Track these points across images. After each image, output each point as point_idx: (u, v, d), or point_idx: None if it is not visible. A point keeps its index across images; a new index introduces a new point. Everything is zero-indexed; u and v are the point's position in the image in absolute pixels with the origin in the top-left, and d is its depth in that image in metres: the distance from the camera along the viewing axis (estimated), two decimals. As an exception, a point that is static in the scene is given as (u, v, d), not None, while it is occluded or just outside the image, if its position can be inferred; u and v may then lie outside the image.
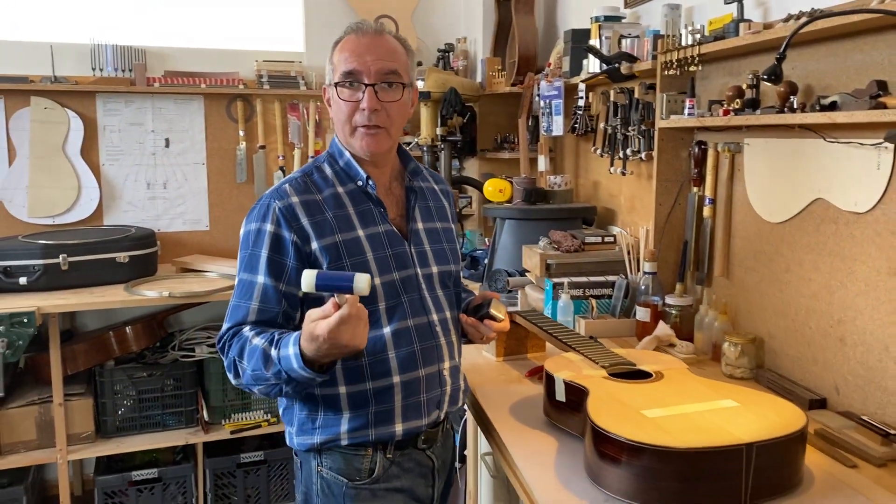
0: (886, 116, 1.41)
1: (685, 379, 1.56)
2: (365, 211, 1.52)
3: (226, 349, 1.44)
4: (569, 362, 1.67)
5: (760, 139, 1.97)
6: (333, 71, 1.51)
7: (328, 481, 1.49)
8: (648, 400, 1.44)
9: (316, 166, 1.56)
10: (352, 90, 1.47)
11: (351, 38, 1.49)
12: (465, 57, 3.89)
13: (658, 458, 1.24)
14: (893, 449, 1.45)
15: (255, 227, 1.48)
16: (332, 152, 1.58)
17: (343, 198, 1.51)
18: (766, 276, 1.97)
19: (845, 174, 1.67)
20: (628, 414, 1.36)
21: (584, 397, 1.47)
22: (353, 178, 1.54)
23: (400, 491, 1.52)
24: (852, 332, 1.66)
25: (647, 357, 1.71)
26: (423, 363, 1.50)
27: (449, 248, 1.64)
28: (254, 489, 3.35)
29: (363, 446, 1.48)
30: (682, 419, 1.34)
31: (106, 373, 3.14)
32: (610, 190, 2.94)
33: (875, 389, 1.60)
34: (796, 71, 1.82)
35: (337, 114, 1.52)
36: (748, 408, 1.39)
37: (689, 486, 1.24)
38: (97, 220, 3.48)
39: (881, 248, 1.58)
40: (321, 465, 1.50)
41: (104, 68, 3.41)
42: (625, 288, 2.32)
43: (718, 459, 1.24)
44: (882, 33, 1.56)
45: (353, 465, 1.48)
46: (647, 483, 1.25)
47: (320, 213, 1.47)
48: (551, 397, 1.60)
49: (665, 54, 2.18)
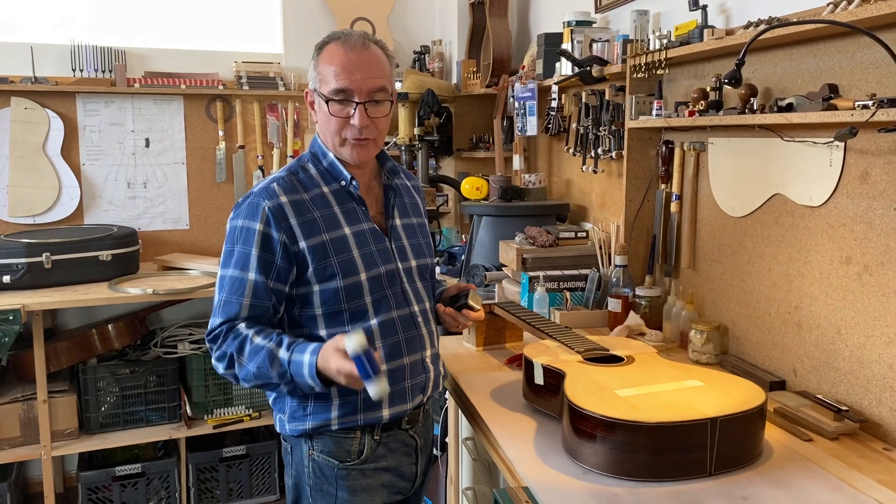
0: (837, 117, 1.53)
1: (655, 362, 1.67)
2: (349, 209, 1.59)
3: (219, 342, 1.51)
4: (546, 349, 1.77)
5: (723, 138, 2.09)
6: (320, 81, 1.55)
7: (319, 464, 1.58)
8: (621, 381, 1.54)
9: (301, 165, 1.61)
10: (342, 106, 1.53)
11: (339, 52, 1.53)
12: (440, 59, 3.98)
13: (630, 432, 1.35)
14: (845, 424, 1.58)
15: (243, 223, 1.53)
16: (316, 152, 1.63)
17: (329, 197, 1.58)
18: (729, 267, 2.09)
19: (801, 171, 1.79)
20: (602, 393, 1.47)
21: (561, 380, 1.57)
22: (336, 177, 1.60)
23: (387, 470, 1.62)
24: (808, 317, 1.79)
25: (620, 343, 1.82)
26: (407, 352, 1.61)
27: (424, 243, 1.73)
28: (236, 483, 3.41)
29: (352, 430, 1.57)
30: (652, 397, 1.45)
31: (89, 370, 3.18)
32: (582, 187, 3.05)
33: (829, 370, 1.72)
34: (756, 75, 1.95)
35: (325, 124, 1.57)
36: (713, 387, 1.51)
37: (658, 458, 1.35)
38: (77, 219, 3.51)
39: (833, 239, 1.70)
40: (312, 449, 1.58)
41: (84, 69, 3.44)
42: (597, 280, 2.43)
43: (685, 433, 1.35)
44: (833, 40, 1.69)
45: (343, 448, 1.57)
46: (620, 456, 1.36)
47: (308, 212, 1.54)
48: (530, 381, 1.70)
49: (634, 58, 2.29)
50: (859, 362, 1.63)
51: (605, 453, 1.37)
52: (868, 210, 1.60)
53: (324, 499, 1.58)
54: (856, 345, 1.64)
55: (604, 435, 1.37)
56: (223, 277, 1.54)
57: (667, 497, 1.29)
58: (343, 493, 1.57)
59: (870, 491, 1.33)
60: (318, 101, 1.57)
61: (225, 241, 1.57)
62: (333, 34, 1.59)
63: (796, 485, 1.35)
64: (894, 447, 1.50)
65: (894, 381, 1.54)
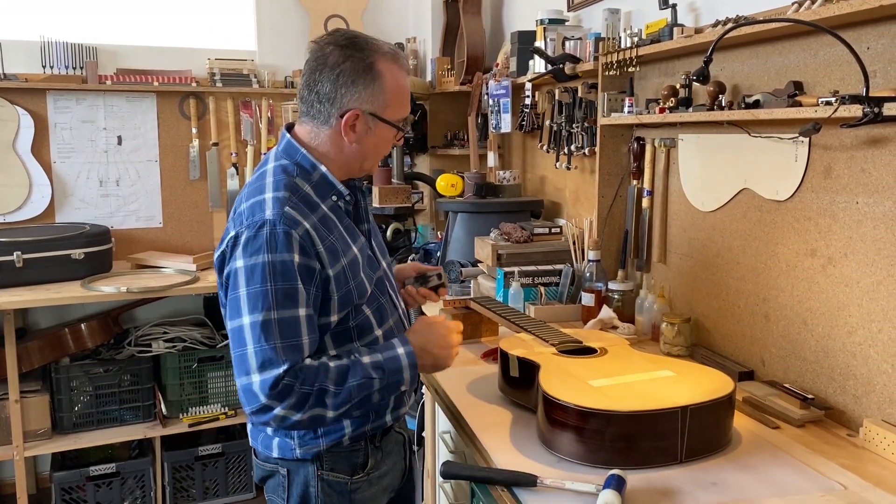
0: (802, 113, 1.57)
1: (627, 353, 1.71)
2: (348, 226, 1.49)
3: (293, 389, 1.32)
4: (521, 341, 1.80)
5: (693, 135, 2.13)
6: (385, 106, 1.45)
7: (329, 482, 1.51)
8: (594, 372, 1.57)
9: (294, 182, 1.43)
10: (398, 132, 1.51)
11: (402, 76, 1.47)
12: (414, 56, 4.00)
13: (602, 421, 1.38)
14: (811, 412, 1.62)
15: (273, 258, 1.34)
16: (301, 163, 1.47)
17: (331, 216, 1.45)
18: (699, 261, 2.13)
19: (768, 166, 1.84)
20: (576, 384, 1.50)
21: (536, 372, 1.60)
22: (328, 191, 1.48)
23: (387, 474, 1.61)
24: (775, 308, 1.83)
25: (593, 335, 1.85)
26: None
27: (383, 243, 1.70)
28: (212, 481, 3.40)
29: (358, 441, 1.53)
30: (625, 388, 1.49)
31: (62, 369, 3.15)
32: (556, 184, 3.09)
33: (795, 360, 1.77)
34: (724, 72, 1.99)
35: (381, 147, 1.51)
36: (684, 377, 1.55)
37: (631, 446, 1.38)
38: (49, 217, 3.47)
39: (799, 233, 1.75)
40: (321, 469, 1.50)
41: (55, 65, 3.40)
42: (571, 275, 2.47)
43: (657, 421, 1.39)
44: (798, 39, 1.74)
45: (351, 462, 1.52)
46: (594, 444, 1.39)
47: (325, 237, 1.41)
48: (506, 374, 1.73)
49: (606, 56, 2.33)
50: (824, 352, 1.68)
51: (579, 442, 1.40)
52: (832, 204, 1.65)
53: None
54: (820, 335, 1.69)
55: (577, 424, 1.40)
56: (264, 323, 1.32)
57: (639, 483, 1.32)
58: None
59: (834, 475, 1.38)
60: (372, 124, 1.46)
61: (245, 282, 1.35)
62: (376, 46, 1.45)
63: (764, 470, 1.39)
64: (857, 433, 1.55)
65: (857, 370, 1.59)
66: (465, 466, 1.42)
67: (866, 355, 1.57)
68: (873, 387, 1.55)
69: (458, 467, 1.41)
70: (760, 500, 1.28)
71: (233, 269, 1.37)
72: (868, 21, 1.52)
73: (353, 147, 1.47)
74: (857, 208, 1.58)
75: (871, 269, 1.55)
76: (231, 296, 1.37)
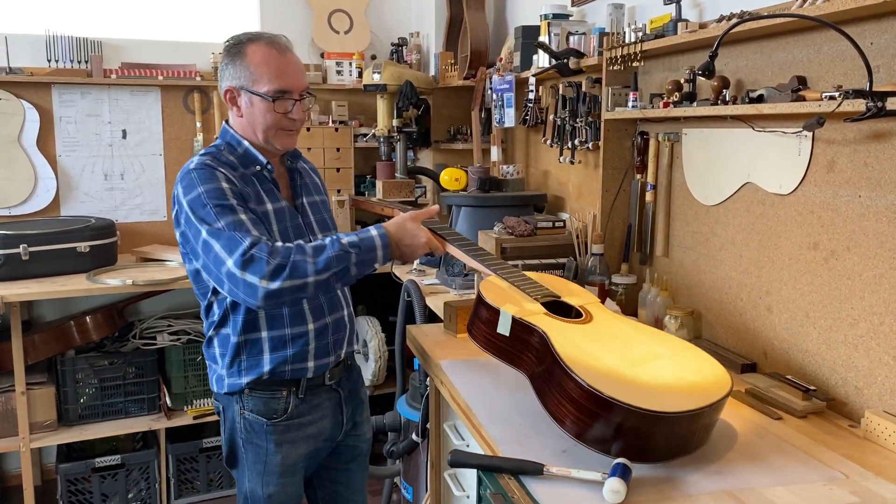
0: (805, 108, 1.59)
1: (610, 318, 1.68)
2: (267, 189, 1.77)
3: (265, 257, 1.54)
4: (501, 290, 1.74)
5: (696, 129, 2.15)
6: (252, 80, 1.70)
7: (250, 421, 1.79)
8: (600, 346, 1.52)
9: (219, 151, 1.75)
10: (282, 102, 1.71)
11: (272, 54, 1.70)
12: (418, 51, 4.01)
13: (653, 422, 1.31)
14: (813, 403, 1.64)
15: (204, 188, 1.62)
16: (229, 141, 1.78)
17: (250, 179, 1.74)
18: (702, 254, 2.15)
19: (771, 160, 1.86)
20: (608, 372, 1.41)
21: (539, 338, 1.52)
22: (252, 162, 1.76)
23: (310, 423, 1.84)
24: (778, 301, 1.85)
25: (559, 284, 1.83)
26: (328, 312, 1.82)
27: (328, 218, 1.94)
28: (216, 473, 3.43)
29: (279, 388, 1.78)
30: (647, 373, 1.44)
31: (67, 361, 3.18)
32: (559, 178, 3.10)
33: (797, 352, 1.79)
34: (728, 67, 2.00)
35: (260, 119, 1.72)
36: (680, 357, 1.53)
37: (658, 443, 1.34)
38: (54, 211, 3.49)
39: (802, 226, 1.77)
40: (244, 409, 1.78)
41: (60, 59, 3.42)
42: (574, 269, 2.49)
43: (696, 419, 1.35)
44: (802, 34, 1.75)
45: (270, 407, 1.78)
46: (632, 442, 1.33)
47: (243, 187, 1.70)
48: (488, 325, 1.68)
49: (610, 51, 2.34)
50: (826, 344, 1.70)
51: (616, 438, 1.33)
52: (835, 197, 1.67)
53: (254, 450, 1.80)
54: (823, 327, 1.71)
55: (621, 422, 1.32)
56: (218, 229, 1.58)
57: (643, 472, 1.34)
58: (271, 446, 1.79)
59: (836, 465, 1.40)
60: (247, 98, 1.72)
61: (190, 214, 1.62)
62: (254, 35, 1.73)
63: (767, 459, 1.41)
64: (859, 424, 1.57)
65: (859, 361, 1.61)
66: (472, 455, 1.44)
67: (868, 347, 1.59)
68: (875, 378, 1.57)
69: (466, 455, 1.43)
70: (763, 489, 1.30)
71: (182, 212, 1.65)
72: (872, 17, 1.54)
73: (242, 121, 1.75)
74: (859, 202, 1.60)
75: (874, 262, 1.57)
76: (190, 231, 1.63)
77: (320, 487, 2.04)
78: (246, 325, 1.75)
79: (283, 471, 1.82)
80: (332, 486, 2.03)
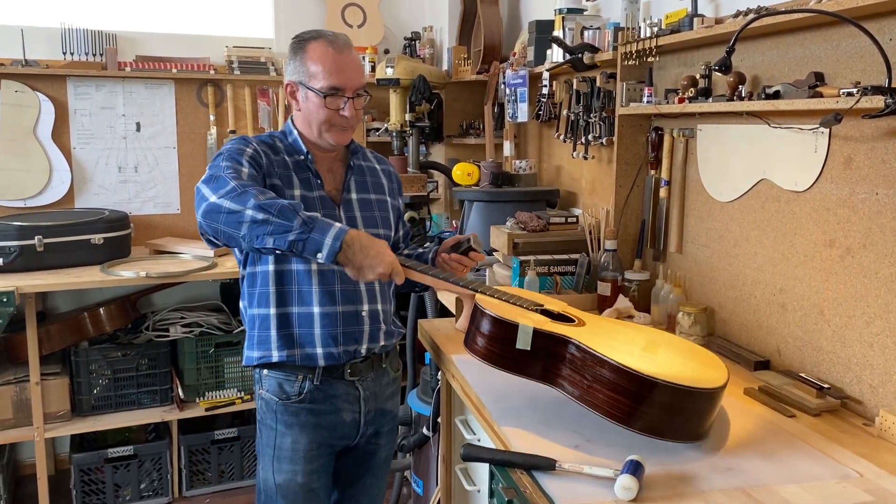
0: (822, 104, 1.57)
1: (597, 319, 1.69)
2: (304, 178, 1.81)
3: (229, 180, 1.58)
4: (498, 303, 1.66)
5: (712, 125, 2.13)
6: (309, 76, 1.75)
7: (266, 400, 1.85)
8: (619, 343, 1.52)
9: (266, 136, 1.85)
10: (334, 99, 1.75)
11: (328, 52, 1.75)
12: (431, 45, 4.00)
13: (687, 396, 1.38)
14: (826, 401, 1.64)
15: (237, 145, 1.74)
16: (284, 130, 1.88)
17: (289, 164, 1.80)
18: (716, 251, 2.14)
19: (787, 157, 1.84)
20: (645, 365, 1.42)
21: (571, 347, 1.50)
22: (297, 151, 1.83)
23: (324, 413, 1.83)
24: (792, 299, 1.84)
25: (522, 293, 1.79)
26: (341, 301, 1.80)
27: (380, 216, 1.92)
28: (227, 465, 3.44)
29: (293, 370, 1.80)
30: (675, 364, 1.47)
31: (81, 352, 3.20)
32: (572, 173, 3.09)
33: (812, 350, 1.78)
34: (745, 62, 1.99)
35: (314, 114, 1.77)
36: (676, 350, 1.56)
37: (693, 417, 1.41)
38: (68, 203, 3.51)
39: (817, 223, 1.76)
40: (262, 388, 1.85)
41: (75, 52, 3.43)
42: (587, 265, 2.48)
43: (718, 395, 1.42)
44: (819, 30, 1.74)
45: (283, 388, 1.82)
46: (667, 418, 1.38)
47: (276, 168, 1.77)
48: (498, 341, 1.58)
49: (625, 46, 2.33)
50: (841, 342, 1.69)
51: (653, 416, 1.38)
52: (851, 195, 1.65)
53: (267, 432, 1.85)
54: (838, 325, 1.70)
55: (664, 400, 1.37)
56: (213, 166, 1.66)
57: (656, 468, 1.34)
58: (280, 426, 1.83)
59: (850, 463, 1.39)
60: (304, 93, 1.77)
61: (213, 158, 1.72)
62: (316, 33, 1.79)
63: (780, 457, 1.41)
64: (873, 422, 1.56)
65: (874, 360, 1.60)
66: (485, 449, 1.44)
67: (884, 345, 1.58)
68: (890, 377, 1.56)
69: (479, 450, 1.44)
70: (776, 486, 1.30)
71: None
72: (892, 12, 1.52)
73: (300, 115, 1.82)
74: (876, 199, 1.59)
75: (890, 260, 1.56)
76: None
77: (334, 491, 2.02)
78: (259, 298, 1.80)
79: (293, 457, 1.83)
80: (346, 490, 2.01)
